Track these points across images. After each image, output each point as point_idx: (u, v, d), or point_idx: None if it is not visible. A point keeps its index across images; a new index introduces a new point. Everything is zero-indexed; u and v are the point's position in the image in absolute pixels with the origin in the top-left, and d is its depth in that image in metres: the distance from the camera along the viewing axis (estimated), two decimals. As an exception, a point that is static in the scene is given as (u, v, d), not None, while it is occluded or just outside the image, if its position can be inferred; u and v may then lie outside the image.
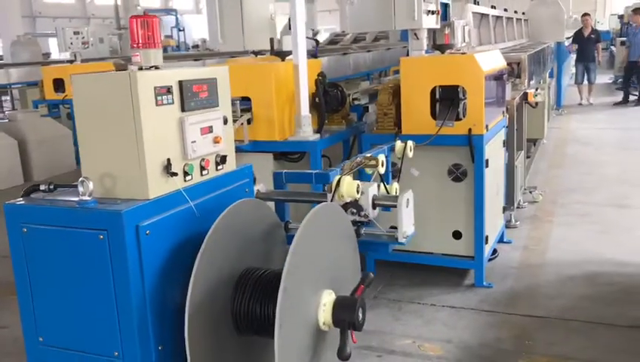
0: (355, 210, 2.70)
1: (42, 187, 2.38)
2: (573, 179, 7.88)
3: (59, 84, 9.98)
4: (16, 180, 9.30)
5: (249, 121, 4.76)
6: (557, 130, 11.32)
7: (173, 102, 2.34)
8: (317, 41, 5.68)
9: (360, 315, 2.29)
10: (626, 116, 12.92)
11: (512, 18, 10.33)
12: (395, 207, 2.76)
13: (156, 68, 2.39)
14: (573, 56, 15.01)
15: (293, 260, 2.10)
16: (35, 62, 12.96)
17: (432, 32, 5.21)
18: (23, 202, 2.36)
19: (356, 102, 6.02)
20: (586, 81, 14.40)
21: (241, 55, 8.10)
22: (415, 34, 5.05)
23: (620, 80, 16.00)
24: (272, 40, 5.19)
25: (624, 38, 16.72)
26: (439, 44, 5.11)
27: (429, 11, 4.95)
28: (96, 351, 2.28)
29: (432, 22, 5.01)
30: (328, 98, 5.09)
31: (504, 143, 5.55)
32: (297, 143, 4.79)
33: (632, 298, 4.52)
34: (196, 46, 22.48)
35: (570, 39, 14.43)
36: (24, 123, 9.87)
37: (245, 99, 4.83)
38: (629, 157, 9.13)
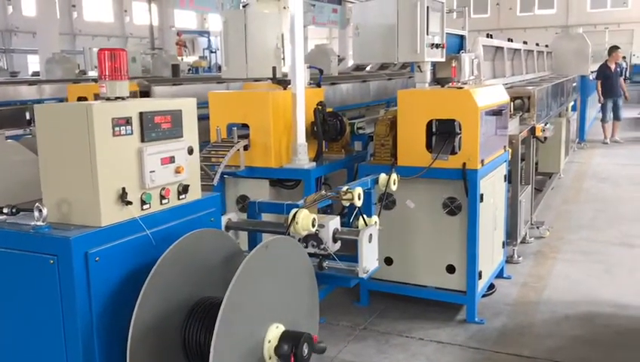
0: (315, 243, 2.73)
1: (5, 210, 2.46)
2: (585, 216, 7.73)
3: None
4: (35, 195, 9.49)
5: (246, 148, 4.84)
6: (576, 165, 11.14)
7: (132, 133, 2.41)
8: (321, 71, 5.76)
9: (305, 350, 2.30)
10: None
11: (533, 51, 10.26)
12: (356, 241, 2.77)
13: (122, 99, 2.48)
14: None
15: (232, 294, 2.12)
16: (64, 80, 13.29)
17: (434, 65, 5.23)
18: (-16, 224, 2.44)
19: (361, 131, 6.05)
20: (610, 118, 13.92)
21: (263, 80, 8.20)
22: (419, 67, 5.08)
23: None
24: (274, 68, 5.29)
25: None
26: (439, 78, 5.12)
27: (434, 45, 4.97)
28: (44, 374, 2.33)
29: (436, 55, 5.02)
30: (327, 127, 5.15)
31: (505, 178, 5.51)
32: (292, 171, 4.85)
33: (623, 340, 4.42)
34: (227, 68, 22.69)
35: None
36: (46, 139, 10.11)
37: (245, 126, 4.92)
38: (646, 195, 8.93)
